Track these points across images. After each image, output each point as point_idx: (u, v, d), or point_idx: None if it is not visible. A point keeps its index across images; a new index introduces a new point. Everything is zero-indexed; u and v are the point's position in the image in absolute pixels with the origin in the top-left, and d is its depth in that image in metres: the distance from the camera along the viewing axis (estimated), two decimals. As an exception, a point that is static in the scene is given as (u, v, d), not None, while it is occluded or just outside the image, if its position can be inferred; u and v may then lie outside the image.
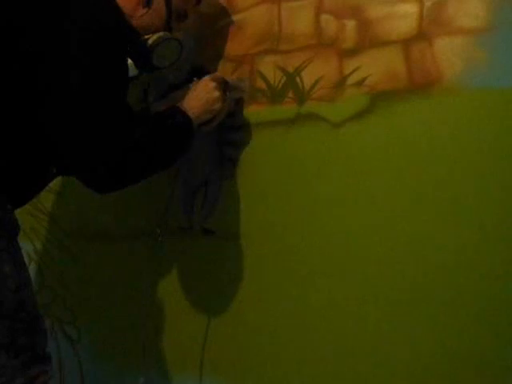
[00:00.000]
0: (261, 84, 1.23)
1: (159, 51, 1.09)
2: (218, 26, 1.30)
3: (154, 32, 1.09)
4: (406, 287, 1.04)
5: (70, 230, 1.51)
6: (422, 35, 1.06)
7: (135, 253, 1.41)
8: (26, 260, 1.52)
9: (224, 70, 1.27)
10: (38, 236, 1.56)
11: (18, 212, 1.05)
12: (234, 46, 1.27)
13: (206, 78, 1.13)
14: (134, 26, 1.08)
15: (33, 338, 1.01)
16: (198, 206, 1.29)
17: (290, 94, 1.18)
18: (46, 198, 1.54)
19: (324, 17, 1.16)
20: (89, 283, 1.48)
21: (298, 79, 1.18)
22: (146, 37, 1.08)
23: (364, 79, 1.10)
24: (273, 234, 1.19)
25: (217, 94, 1.11)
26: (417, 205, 1.04)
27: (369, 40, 1.10)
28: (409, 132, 1.06)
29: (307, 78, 1.17)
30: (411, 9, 1.06)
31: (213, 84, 1.12)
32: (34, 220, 1.53)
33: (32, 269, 1.52)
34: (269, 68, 1.22)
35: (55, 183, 1.43)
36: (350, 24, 1.12)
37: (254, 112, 1.23)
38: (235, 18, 1.28)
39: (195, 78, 1.16)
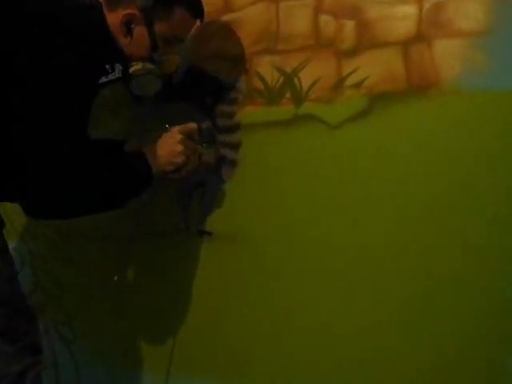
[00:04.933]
0: (258, 84, 1.22)
1: (135, 83, 1.07)
2: (215, 24, 1.29)
3: (140, 59, 1.06)
4: (406, 286, 1.04)
5: (64, 230, 1.49)
6: (420, 37, 1.05)
7: (131, 254, 1.40)
8: (20, 261, 1.53)
9: (221, 69, 1.26)
10: (32, 237, 1.55)
11: (12, 214, 1.04)
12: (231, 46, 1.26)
13: (175, 128, 1.08)
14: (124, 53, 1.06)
15: (28, 326, 1.04)
16: (194, 207, 1.28)
17: (288, 95, 1.18)
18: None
19: (323, 17, 1.15)
20: (84, 284, 1.47)
21: (295, 80, 1.17)
22: (132, 63, 1.06)
23: (362, 80, 1.10)
24: (270, 234, 1.19)
25: (179, 148, 1.05)
26: (415, 206, 1.04)
27: (367, 41, 1.10)
28: (407, 133, 1.06)
29: (305, 78, 1.16)
30: (410, 10, 1.06)
31: (178, 137, 1.06)
32: (27, 221, 1.52)
33: (26, 270, 1.51)
34: (266, 68, 1.21)
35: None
36: (349, 25, 1.12)
37: (250, 112, 1.22)
38: (232, 16, 1.26)
39: (167, 126, 1.10)
